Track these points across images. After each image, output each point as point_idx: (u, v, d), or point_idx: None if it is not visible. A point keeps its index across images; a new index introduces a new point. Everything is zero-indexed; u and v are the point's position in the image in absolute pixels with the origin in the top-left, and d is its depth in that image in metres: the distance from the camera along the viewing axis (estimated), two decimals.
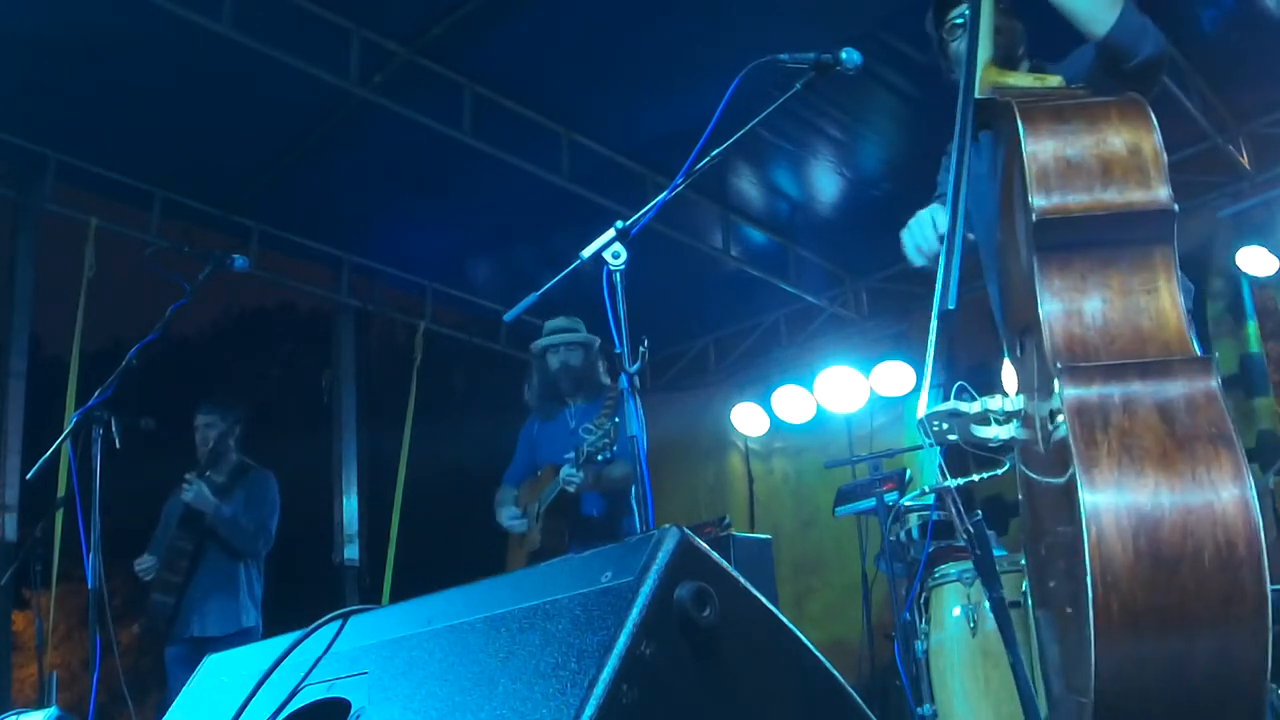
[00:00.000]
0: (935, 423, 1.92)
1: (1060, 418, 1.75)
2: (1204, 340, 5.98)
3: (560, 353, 4.51)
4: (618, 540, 4.42)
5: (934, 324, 1.96)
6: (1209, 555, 1.61)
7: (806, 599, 7.69)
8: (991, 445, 1.94)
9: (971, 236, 2.44)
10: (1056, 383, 1.77)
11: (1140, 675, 1.62)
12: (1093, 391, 1.74)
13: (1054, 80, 2.17)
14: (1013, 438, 1.94)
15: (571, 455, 4.16)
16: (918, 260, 2.46)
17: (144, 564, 4.85)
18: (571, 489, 4.16)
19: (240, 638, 4.75)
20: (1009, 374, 2.20)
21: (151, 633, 4.91)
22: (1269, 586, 1.59)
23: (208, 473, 4.85)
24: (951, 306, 1.92)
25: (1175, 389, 1.72)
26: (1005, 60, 2.43)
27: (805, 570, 7.78)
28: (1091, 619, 1.62)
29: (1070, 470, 1.71)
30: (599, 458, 4.06)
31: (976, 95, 2.16)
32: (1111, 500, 1.66)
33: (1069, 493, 1.72)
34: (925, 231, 2.44)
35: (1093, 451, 1.69)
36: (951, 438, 1.94)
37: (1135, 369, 1.75)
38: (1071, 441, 1.71)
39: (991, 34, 2.26)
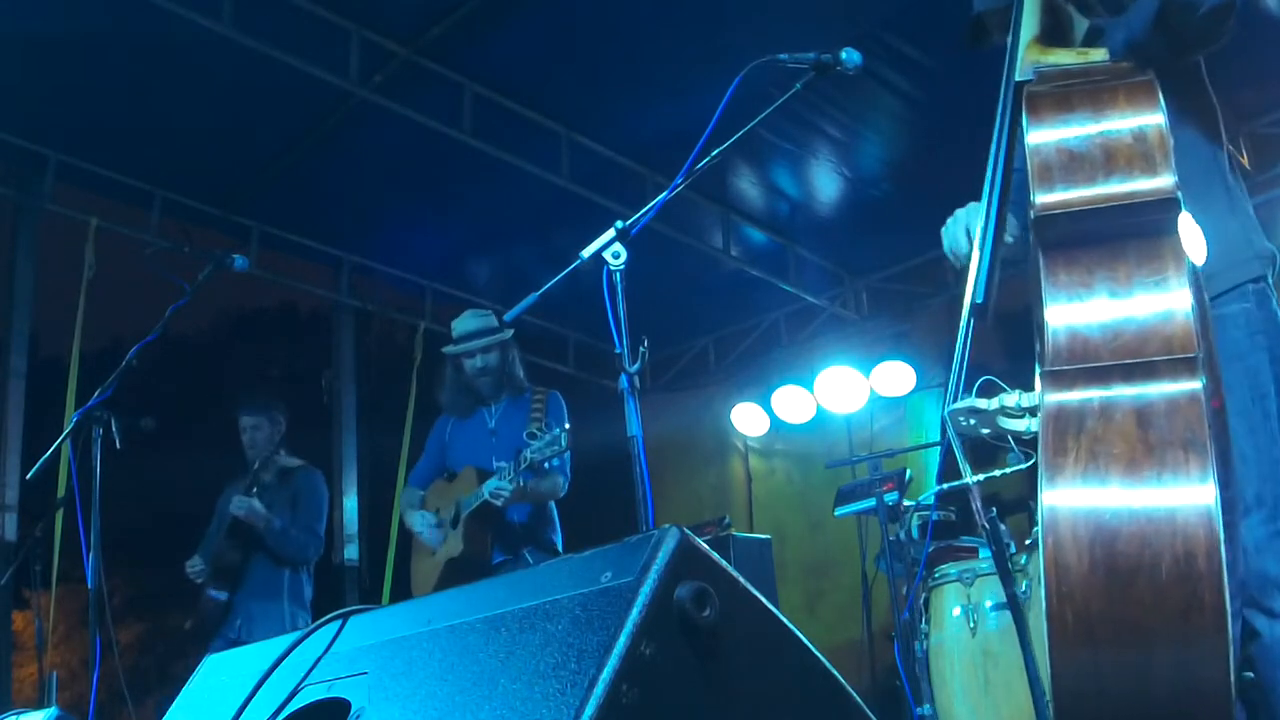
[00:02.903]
0: (960, 418, 1.90)
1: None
2: None
3: (477, 357, 4.31)
4: (541, 547, 4.12)
5: (965, 317, 1.93)
6: (1166, 567, 1.56)
7: (818, 602, 7.67)
8: (1025, 438, 1.91)
9: (1009, 239, 2.38)
10: (1038, 386, 1.76)
11: (1098, 687, 1.59)
12: (1073, 396, 1.70)
13: (1098, 54, 2.06)
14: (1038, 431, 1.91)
15: (506, 466, 3.94)
16: (954, 263, 2.36)
17: (195, 567, 4.82)
18: (499, 503, 3.96)
19: None
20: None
21: (200, 632, 4.87)
22: (1229, 600, 1.55)
23: (256, 486, 4.76)
24: (980, 300, 1.89)
25: (1156, 392, 1.68)
26: (1055, 32, 2.32)
27: (815, 572, 7.77)
28: (1046, 628, 1.59)
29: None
30: (546, 466, 3.89)
31: (1018, 76, 2.06)
32: (1070, 508, 1.62)
33: None
34: (956, 232, 2.34)
35: (1059, 459, 1.65)
36: (984, 431, 1.92)
37: (1119, 371, 1.71)
38: (1040, 448, 1.68)
39: (1037, 11, 2.20)
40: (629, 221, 2.47)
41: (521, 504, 4.16)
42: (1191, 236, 1.83)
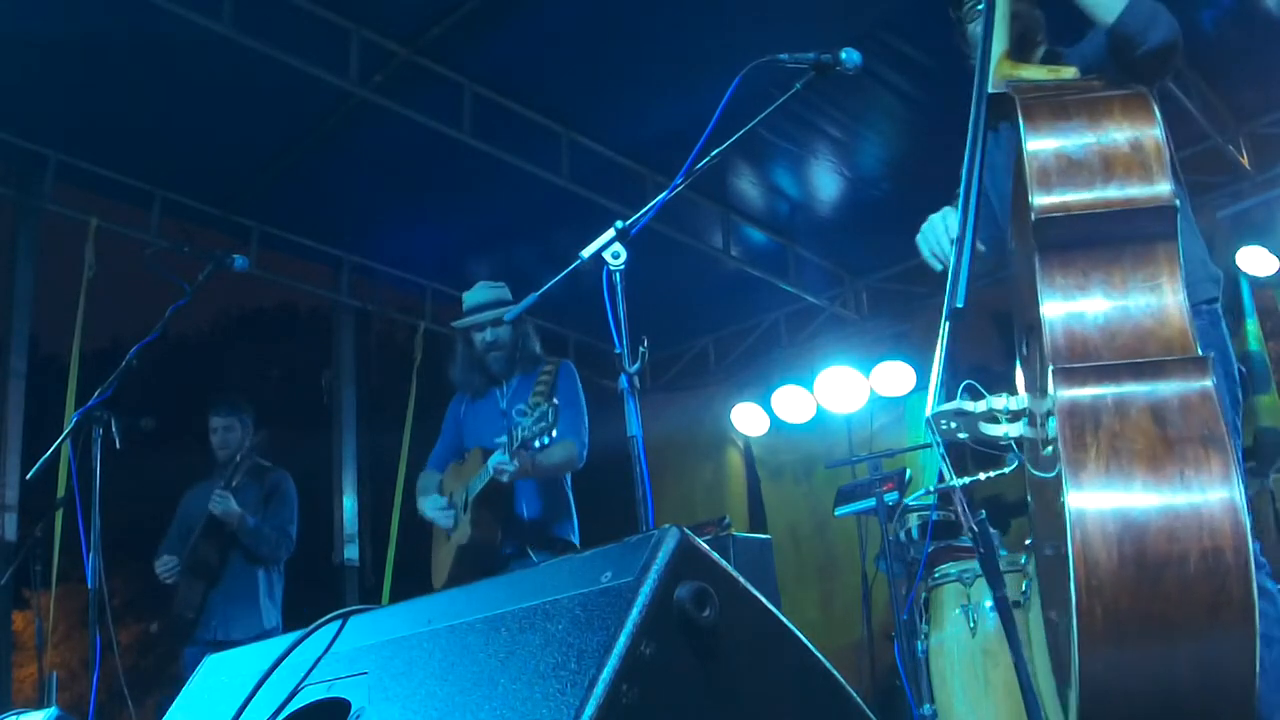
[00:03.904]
0: (943, 421, 1.91)
1: (1053, 417, 1.73)
2: (1235, 328, 5.98)
3: (486, 330, 4.09)
4: (553, 543, 3.99)
5: (944, 323, 1.94)
6: (1194, 561, 1.58)
7: (831, 601, 7.67)
8: (1002, 443, 1.92)
9: (982, 248, 2.41)
10: (1050, 383, 1.76)
11: (1125, 681, 1.60)
12: (1085, 393, 1.72)
13: (1068, 72, 2.13)
14: (1020, 435, 1.93)
15: (504, 440, 3.72)
16: (934, 265, 2.43)
17: (166, 565, 4.81)
18: (504, 479, 3.74)
19: (261, 640, 4.73)
20: (1021, 372, 2.19)
21: (170, 633, 4.88)
22: (1256, 593, 1.56)
23: (234, 481, 4.81)
24: (960, 305, 1.91)
25: (1169, 389, 1.70)
26: (1021, 49, 2.39)
27: (828, 572, 7.76)
28: (1075, 623, 1.61)
29: (1058, 470, 1.69)
30: (535, 444, 3.60)
31: (990, 89, 2.12)
32: (1097, 504, 1.64)
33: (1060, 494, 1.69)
34: (937, 235, 2.42)
35: (1080, 454, 1.67)
36: (962, 436, 1.93)
37: (1129, 369, 1.73)
38: (1060, 444, 1.69)
39: (1007, 25, 2.22)
40: (629, 221, 2.47)
41: (532, 499, 4.02)
42: None
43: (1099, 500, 1.64)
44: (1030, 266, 1.93)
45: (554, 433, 3.56)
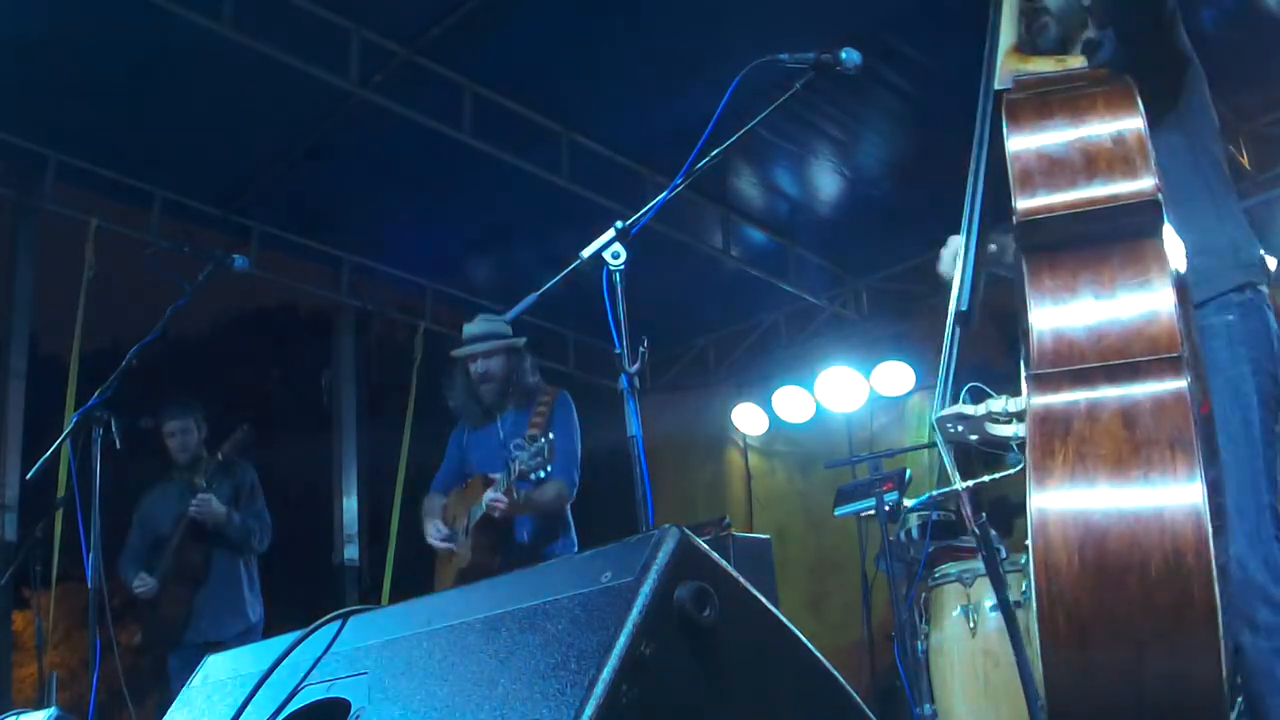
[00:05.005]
0: (948, 425, 1.90)
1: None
2: None
3: (479, 361, 4.17)
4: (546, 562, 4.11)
5: (950, 325, 1.93)
6: (1156, 566, 1.56)
7: (822, 602, 7.66)
8: (1013, 443, 1.91)
9: (994, 247, 2.39)
10: (1025, 388, 1.76)
11: (1091, 687, 1.59)
12: (1058, 399, 1.70)
13: (1075, 61, 2.08)
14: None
15: (500, 476, 3.84)
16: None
17: (144, 583, 4.79)
18: (496, 515, 3.86)
19: (248, 634, 4.76)
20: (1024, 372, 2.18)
21: (155, 640, 4.88)
22: (1219, 595, 1.54)
23: (212, 483, 4.83)
24: (964, 309, 1.89)
25: (1142, 392, 1.67)
26: (1061, 42, 2.35)
27: (820, 573, 7.75)
28: (1037, 630, 1.60)
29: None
30: (532, 477, 3.72)
31: (997, 85, 2.08)
32: (1059, 509, 1.62)
33: None
34: (946, 255, 2.36)
35: (1048, 461, 1.65)
36: (972, 438, 1.92)
37: (1104, 372, 1.71)
38: (1029, 449, 1.68)
39: (1015, 19, 2.18)
40: (629, 221, 2.46)
41: (531, 521, 4.07)
42: (1171, 244, 1.84)
43: (1061, 505, 1.62)
44: (1022, 269, 1.91)
45: (549, 467, 3.64)
